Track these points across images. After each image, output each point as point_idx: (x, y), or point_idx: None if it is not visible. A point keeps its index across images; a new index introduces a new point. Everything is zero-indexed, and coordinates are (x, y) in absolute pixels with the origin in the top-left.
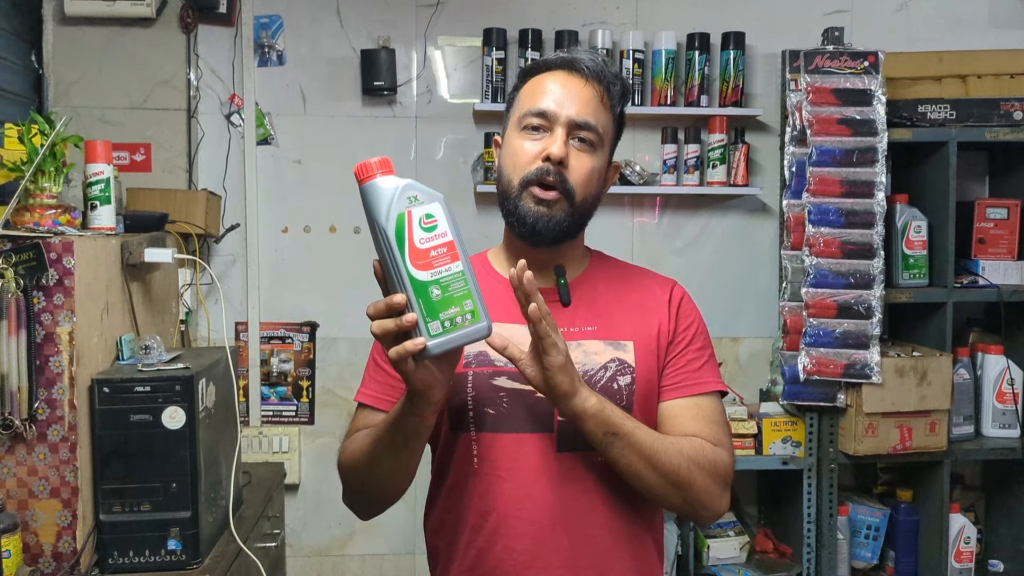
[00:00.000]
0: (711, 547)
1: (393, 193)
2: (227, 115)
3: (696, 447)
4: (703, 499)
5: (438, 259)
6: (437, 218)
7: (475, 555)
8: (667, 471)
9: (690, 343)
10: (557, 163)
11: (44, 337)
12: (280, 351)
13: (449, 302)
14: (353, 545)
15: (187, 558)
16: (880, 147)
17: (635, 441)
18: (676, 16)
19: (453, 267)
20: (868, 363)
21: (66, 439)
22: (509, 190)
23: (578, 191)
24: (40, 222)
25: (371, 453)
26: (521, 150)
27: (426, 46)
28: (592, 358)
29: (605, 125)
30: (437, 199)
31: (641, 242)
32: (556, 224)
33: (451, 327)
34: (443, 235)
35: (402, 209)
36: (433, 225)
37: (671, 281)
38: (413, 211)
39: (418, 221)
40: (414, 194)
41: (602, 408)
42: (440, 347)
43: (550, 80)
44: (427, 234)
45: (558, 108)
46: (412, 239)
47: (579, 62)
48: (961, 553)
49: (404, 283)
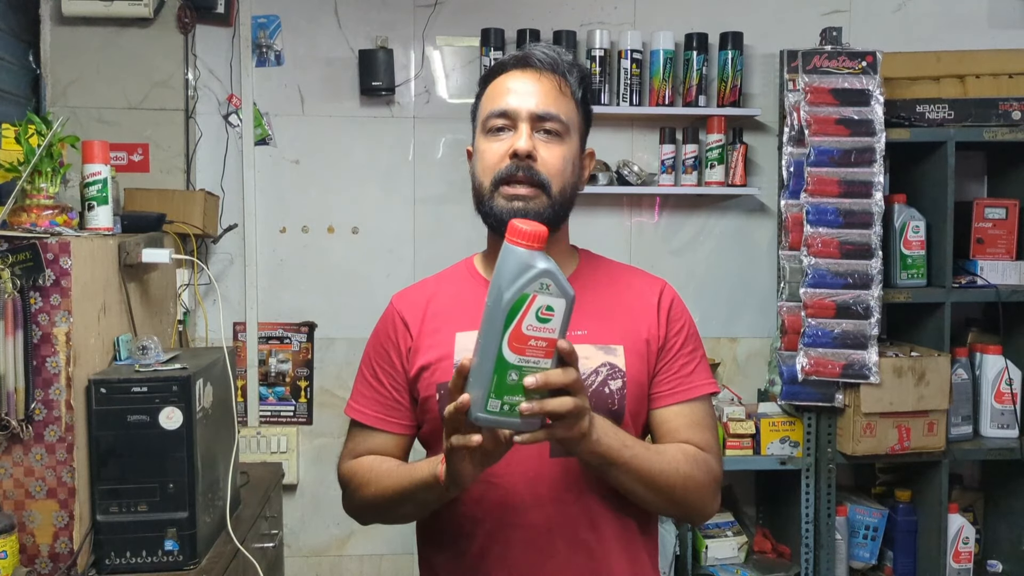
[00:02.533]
0: (709, 547)
1: (531, 271)
2: (225, 115)
3: (691, 459)
4: (697, 508)
5: (533, 350)
6: (555, 314)
7: (469, 563)
8: (664, 489)
9: (681, 347)
10: (525, 157)
11: (41, 338)
12: (278, 351)
13: (518, 390)
14: (351, 545)
15: (184, 559)
16: (878, 147)
17: (632, 468)
18: (674, 16)
19: (542, 363)
20: (866, 363)
21: (63, 440)
22: (482, 192)
23: (554, 181)
24: (37, 222)
25: (388, 499)
26: (489, 151)
27: (424, 46)
28: (583, 363)
29: (568, 112)
30: (566, 297)
31: (639, 242)
32: (535, 217)
33: (508, 411)
34: (551, 331)
35: (529, 291)
36: (548, 319)
37: (660, 282)
38: (539, 297)
39: (537, 309)
40: (548, 283)
41: (599, 447)
42: (487, 421)
43: (508, 80)
44: (538, 323)
45: (518, 104)
46: (522, 321)
47: (531, 57)
48: (959, 553)
49: (490, 353)
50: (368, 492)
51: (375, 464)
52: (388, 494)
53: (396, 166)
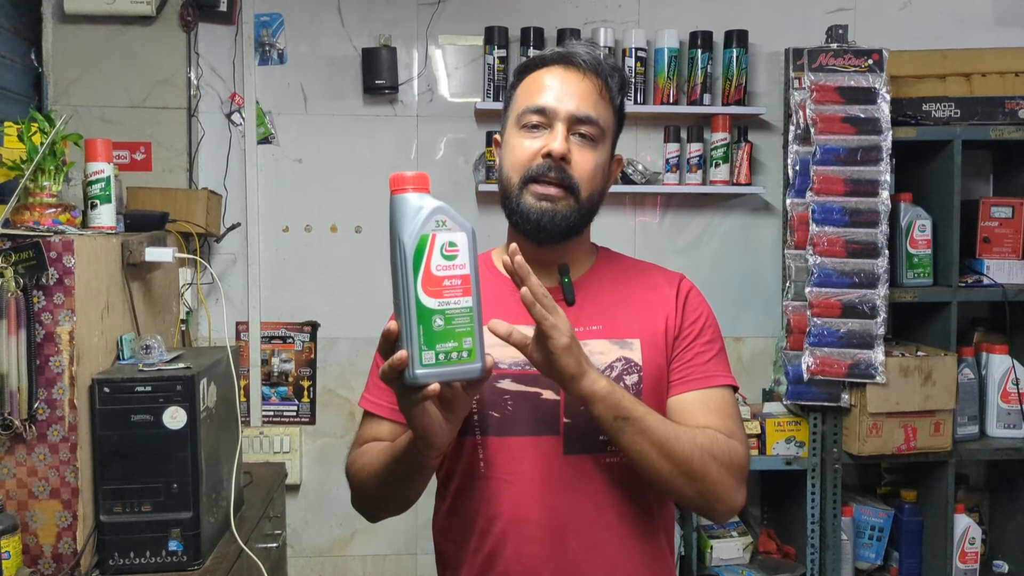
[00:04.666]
0: (714, 548)
1: (422, 212)
2: (228, 114)
3: (710, 437)
4: (718, 491)
5: (450, 290)
6: (460, 249)
7: (483, 560)
8: (680, 460)
9: (698, 336)
10: (559, 159)
11: (44, 337)
12: (281, 351)
13: (449, 335)
14: (354, 546)
15: (188, 559)
16: (884, 145)
17: (647, 426)
18: (678, 14)
19: (462, 301)
20: (872, 363)
21: (66, 439)
22: (510, 188)
23: (583, 186)
24: (40, 221)
25: (378, 476)
26: (520, 148)
27: (427, 45)
28: (598, 358)
29: (606, 118)
30: (465, 229)
31: (643, 241)
32: (562, 219)
33: (444, 360)
34: (461, 267)
35: (427, 231)
36: (454, 255)
37: (679, 275)
38: (438, 235)
39: (440, 247)
40: (443, 218)
41: (612, 391)
42: (428, 377)
43: (547, 76)
44: (445, 262)
45: (557, 104)
46: (429, 264)
47: (575, 55)
48: (966, 554)
49: (410, 305)
50: (364, 476)
51: (368, 448)
52: (380, 472)
53: (399, 165)
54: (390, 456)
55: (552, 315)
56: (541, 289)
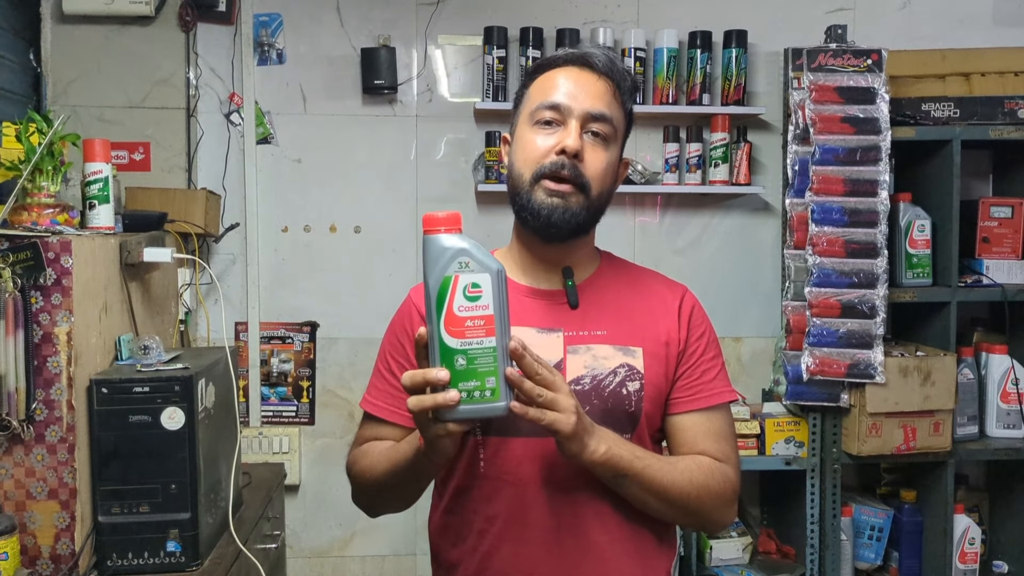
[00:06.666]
0: (714, 548)
1: (446, 254)
2: (227, 114)
3: (706, 471)
4: (713, 518)
5: (472, 330)
6: (483, 290)
7: (480, 559)
8: (678, 502)
9: (703, 353)
10: (572, 156)
11: (42, 337)
12: (280, 351)
13: (471, 375)
14: (353, 546)
15: (186, 560)
16: (883, 145)
17: (644, 479)
18: (678, 14)
19: (485, 342)
20: (872, 363)
21: (64, 440)
22: (520, 184)
23: (594, 185)
24: (38, 221)
25: (381, 477)
26: (533, 144)
27: (427, 45)
28: (602, 362)
29: (618, 119)
30: (489, 271)
31: (643, 242)
32: (572, 216)
33: (467, 399)
34: (484, 307)
35: (449, 273)
36: (477, 295)
37: (682, 287)
38: (461, 277)
39: (463, 288)
40: (467, 260)
41: (610, 457)
42: (451, 415)
43: (562, 75)
44: (468, 303)
45: (572, 101)
46: (452, 305)
47: (591, 56)
48: (965, 554)
49: (434, 345)
50: (366, 476)
51: (370, 448)
52: (383, 473)
53: (398, 165)
54: (394, 459)
55: (550, 408)
56: (536, 389)
